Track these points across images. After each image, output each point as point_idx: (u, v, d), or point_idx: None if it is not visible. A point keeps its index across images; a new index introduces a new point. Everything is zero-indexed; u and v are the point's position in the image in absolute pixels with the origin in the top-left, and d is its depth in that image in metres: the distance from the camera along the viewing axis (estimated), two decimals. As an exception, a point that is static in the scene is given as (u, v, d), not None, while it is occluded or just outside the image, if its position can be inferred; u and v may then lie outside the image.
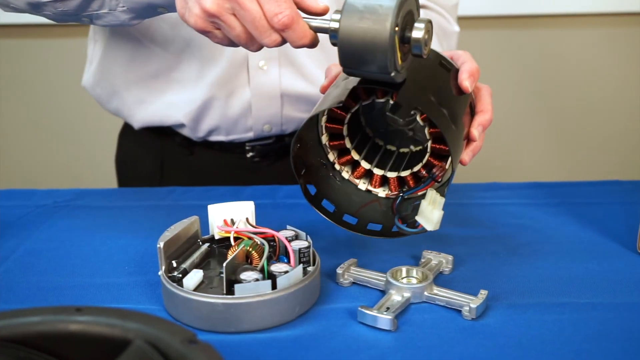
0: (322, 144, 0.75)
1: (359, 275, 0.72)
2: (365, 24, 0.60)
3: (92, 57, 1.06)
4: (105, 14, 0.83)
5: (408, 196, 0.73)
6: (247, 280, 0.63)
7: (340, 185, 0.76)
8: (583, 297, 0.69)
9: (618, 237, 0.82)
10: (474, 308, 0.65)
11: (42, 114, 1.96)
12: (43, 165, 2.00)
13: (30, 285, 0.72)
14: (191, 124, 1.01)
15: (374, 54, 0.60)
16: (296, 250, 0.68)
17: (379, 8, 0.60)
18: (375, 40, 0.60)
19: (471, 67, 0.71)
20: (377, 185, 0.75)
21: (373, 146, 0.77)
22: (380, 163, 0.76)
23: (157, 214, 0.90)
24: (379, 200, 0.76)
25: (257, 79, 0.98)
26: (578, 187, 0.97)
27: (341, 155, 0.76)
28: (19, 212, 0.90)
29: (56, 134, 1.97)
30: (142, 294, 0.70)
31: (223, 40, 0.68)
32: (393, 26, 0.59)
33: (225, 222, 0.73)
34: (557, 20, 1.86)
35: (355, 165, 0.76)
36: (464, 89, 0.70)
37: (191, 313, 0.64)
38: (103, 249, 0.80)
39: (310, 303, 0.67)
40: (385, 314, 0.64)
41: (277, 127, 1.02)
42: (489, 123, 0.72)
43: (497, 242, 0.82)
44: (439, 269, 0.74)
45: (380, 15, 0.59)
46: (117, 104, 1.04)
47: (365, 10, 0.60)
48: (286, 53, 0.98)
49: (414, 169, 0.74)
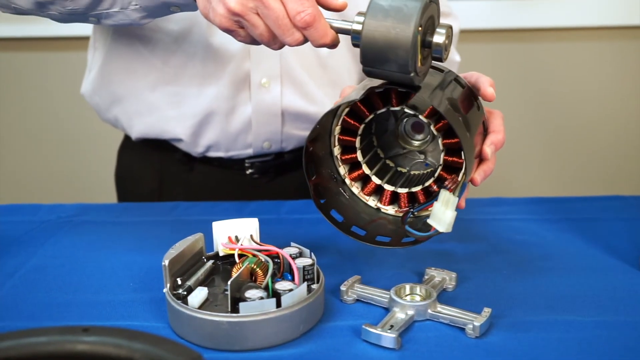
0: (334, 156, 0.74)
1: (363, 292, 0.72)
2: (389, 22, 0.62)
3: (92, 65, 1.06)
4: (116, 12, 0.82)
5: (418, 212, 0.72)
6: (251, 299, 0.64)
7: (349, 201, 0.75)
8: (587, 315, 0.69)
9: (621, 254, 0.82)
10: (477, 326, 0.65)
11: (42, 126, 1.96)
12: (44, 178, 2.01)
13: (37, 302, 0.72)
14: (190, 138, 1.01)
15: (396, 51, 0.62)
16: (300, 268, 0.68)
17: (404, 7, 0.62)
18: (399, 38, 0.61)
19: (489, 79, 0.73)
20: (386, 202, 0.75)
21: (384, 166, 0.77)
22: (390, 181, 0.75)
23: (160, 230, 0.90)
24: (387, 218, 0.75)
25: (258, 96, 0.99)
26: (580, 203, 0.98)
27: (352, 170, 0.75)
28: (24, 227, 0.91)
29: (57, 147, 1.97)
30: (147, 311, 0.70)
31: (246, 39, 0.69)
32: (417, 25, 0.61)
33: (229, 239, 0.73)
34: (557, 34, 1.87)
35: (365, 182, 0.75)
36: (489, 96, 0.71)
37: (196, 331, 0.64)
38: (107, 266, 0.81)
39: (314, 321, 0.67)
40: (389, 332, 0.64)
41: (276, 145, 1.03)
42: (501, 144, 0.73)
43: (500, 258, 0.82)
44: (443, 286, 0.74)
45: (405, 14, 0.61)
46: (115, 113, 1.04)
47: (390, 9, 0.62)
48: (288, 72, 0.99)
49: (425, 183, 0.73)
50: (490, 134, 0.73)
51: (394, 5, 0.62)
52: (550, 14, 1.82)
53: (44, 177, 2.01)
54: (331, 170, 0.75)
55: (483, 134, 0.73)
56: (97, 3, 0.82)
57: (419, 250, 0.83)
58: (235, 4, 0.65)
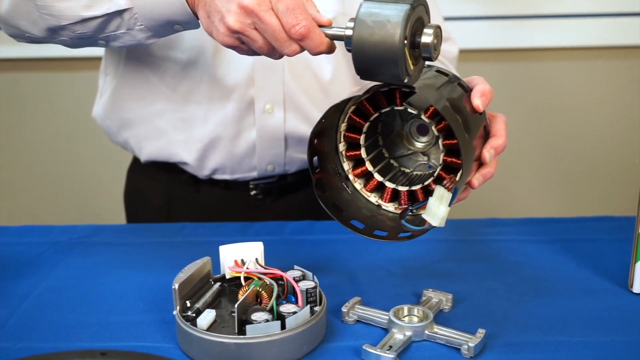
0: (339, 152, 0.76)
1: (363, 313, 0.76)
2: (375, 38, 0.64)
3: (103, 90, 1.10)
4: (123, 34, 0.85)
5: (416, 210, 0.74)
6: (257, 321, 0.67)
7: (352, 197, 0.77)
8: (576, 336, 0.72)
9: (610, 274, 0.85)
10: (472, 347, 0.68)
11: (52, 147, 2.00)
12: (55, 197, 2.04)
13: (51, 324, 0.76)
14: (196, 162, 1.05)
15: (386, 65, 0.65)
16: (304, 290, 0.72)
17: (387, 24, 0.63)
18: (386, 54, 0.64)
19: (484, 88, 0.73)
20: (387, 199, 0.76)
21: (387, 165, 0.79)
22: (392, 179, 0.77)
23: (169, 251, 0.94)
24: (387, 214, 0.76)
25: (262, 122, 1.02)
26: (572, 223, 1.01)
27: (356, 166, 0.77)
28: (36, 249, 0.94)
29: (67, 167, 2.00)
30: (157, 331, 0.74)
31: (248, 52, 0.73)
32: (402, 39, 0.63)
33: (236, 263, 0.76)
34: (552, 54, 1.90)
35: (368, 179, 0.77)
36: (475, 107, 0.71)
37: (205, 352, 0.67)
38: (118, 287, 0.84)
39: (317, 341, 0.71)
40: (388, 353, 0.67)
41: (280, 167, 1.06)
42: (502, 148, 0.73)
43: (495, 279, 0.85)
44: (439, 307, 0.77)
45: (388, 30, 0.63)
46: (125, 137, 1.08)
47: (374, 26, 0.64)
48: (291, 97, 1.02)
49: (424, 182, 0.74)
50: (491, 138, 0.74)
51: (377, 20, 0.64)
52: (548, 34, 1.85)
53: (54, 196, 2.04)
54: (335, 165, 0.76)
55: (484, 137, 0.74)
56: (104, 26, 0.84)
57: (417, 271, 0.87)
58: (234, 22, 0.69)
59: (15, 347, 0.71)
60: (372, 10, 0.64)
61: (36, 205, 2.04)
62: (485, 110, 0.74)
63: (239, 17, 0.69)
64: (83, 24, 0.85)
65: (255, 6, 0.68)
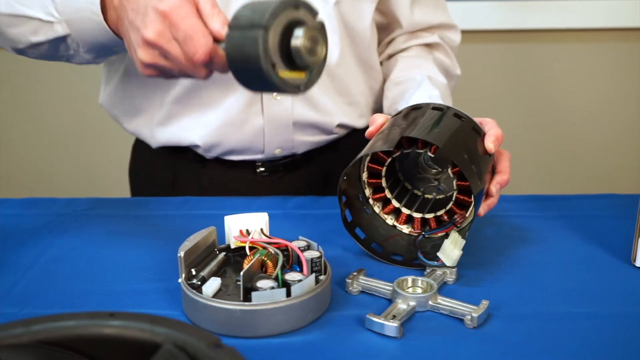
0: (362, 180, 0.85)
1: (367, 284, 0.76)
2: (242, 56, 0.61)
3: (108, 79, 1.10)
4: (73, 54, 0.89)
5: (428, 235, 0.83)
6: (263, 288, 0.67)
7: (371, 218, 0.86)
8: (580, 307, 0.73)
9: (614, 249, 0.85)
10: (475, 317, 0.69)
11: (58, 124, 2.00)
12: (60, 173, 2.05)
13: (57, 292, 0.76)
14: (206, 146, 1.05)
15: (259, 82, 0.62)
16: (309, 260, 0.72)
17: (248, 40, 0.59)
18: (255, 72, 0.60)
19: (497, 133, 0.82)
20: (402, 222, 0.85)
21: (403, 189, 0.88)
22: (407, 204, 0.86)
23: (172, 223, 0.94)
24: (401, 235, 0.85)
25: (270, 109, 1.02)
26: (577, 200, 1.01)
27: (376, 192, 0.86)
28: (41, 220, 0.94)
29: (72, 143, 2.01)
30: (162, 300, 0.74)
31: (173, 77, 0.73)
32: (268, 64, 0.60)
33: (241, 233, 0.77)
34: (555, 35, 1.90)
35: (386, 203, 0.86)
36: (489, 150, 0.80)
37: (210, 319, 0.67)
38: (122, 257, 0.84)
39: (322, 310, 0.71)
40: (392, 322, 0.67)
41: (288, 150, 1.07)
42: (505, 183, 0.83)
43: (499, 252, 0.85)
44: (443, 279, 0.78)
45: (250, 49, 0.59)
46: (136, 125, 1.08)
47: (241, 43, 0.60)
48: None
49: (437, 212, 0.84)
50: (497, 174, 0.83)
51: (242, 46, 0.60)
52: (552, 15, 1.85)
53: (59, 172, 2.04)
54: (358, 190, 0.85)
55: (491, 172, 0.83)
56: (55, 48, 0.89)
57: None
58: (144, 56, 0.69)
59: (21, 312, 0.71)
60: (239, 25, 0.61)
61: (40, 180, 2.05)
62: None
63: (146, 50, 0.69)
64: (36, 47, 0.90)
65: (157, 38, 0.68)
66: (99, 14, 0.79)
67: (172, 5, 0.67)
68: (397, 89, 1.07)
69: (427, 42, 1.14)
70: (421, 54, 1.13)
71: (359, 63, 1.08)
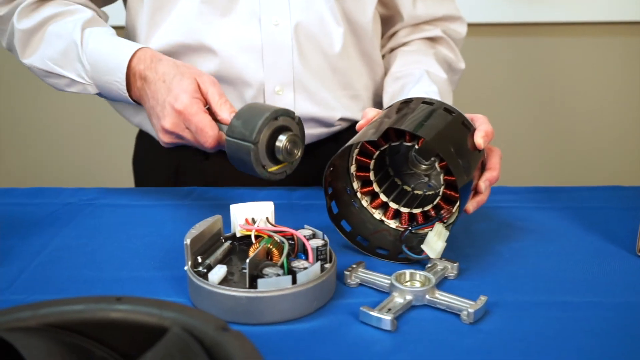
0: (350, 172, 0.85)
1: (366, 277, 0.76)
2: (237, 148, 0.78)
3: None
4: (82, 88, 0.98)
5: (415, 230, 0.82)
6: (269, 275, 0.68)
7: (358, 212, 0.85)
8: (584, 297, 0.73)
9: (619, 241, 0.85)
10: (472, 313, 0.67)
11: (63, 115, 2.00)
12: (65, 163, 2.05)
13: (63, 279, 0.76)
14: None
15: (247, 168, 0.79)
16: (314, 248, 0.72)
17: (244, 155, 0.78)
18: (245, 161, 0.78)
19: (486, 129, 0.81)
20: (390, 217, 0.85)
21: (392, 184, 0.87)
22: (395, 199, 0.86)
23: (178, 213, 0.94)
24: (389, 230, 0.85)
25: (272, 103, 1.02)
26: (582, 192, 1.01)
27: (364, 185, 0.85)
28: (47, 209, 0.95)
29: (77, 135, 2.01)
30: (168, 287, 0.74)
31: None
32: (260, 170, 0.79)
33: (246, 221, 0.77)
34: (562, 29, 1.89)
35: (374, 197, 0.86)
36: (478, 146, 0.80)
37: (216, 305, 0.68)
38: (129, 245, 0.85)
39: (327, 298, 0.71)
40: (385, 315, 0.67)
41: None
42: (495, 180, 0.82)
43: (502, 243, 0.85)
44: (444, 274, 0.77)
45: (246, 160, 0.78)
46: (140, 118, 1.09)
47: (236, 154, 0.79)
48: (300, 79, 1.03)
49: (424, 208, 0.83)
50: (487, 170, 0.82)
51: (238, 151, 0.78)
52: (559, 9, 1.84)
53: (64, 162, 2.05)
54: (346, 184, 0.85)
55: (481, 169, 0.82)
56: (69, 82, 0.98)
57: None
58: (164, 138, 0.87)
59: (27, 299, 0.72)
60: (234, 136, 0.78)
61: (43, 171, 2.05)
62: None
63: (164, 134, 0.87)
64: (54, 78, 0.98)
65: (173, 128, 0.85)
66: (125, 92, 0.92)
67: (185, 104, 0.83)
68: (397, 84, 1.07)
69: (430, 35, 1.14)
70: (422, 49, 1.13)
71: (362, 56, 1.08)
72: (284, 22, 1.00)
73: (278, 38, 1.00)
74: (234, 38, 1.00)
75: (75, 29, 0.95)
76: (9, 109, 2.05)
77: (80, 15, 0.97)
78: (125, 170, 1.27)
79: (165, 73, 0.87)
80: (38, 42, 0.98)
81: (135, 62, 0.91)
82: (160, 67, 0.88)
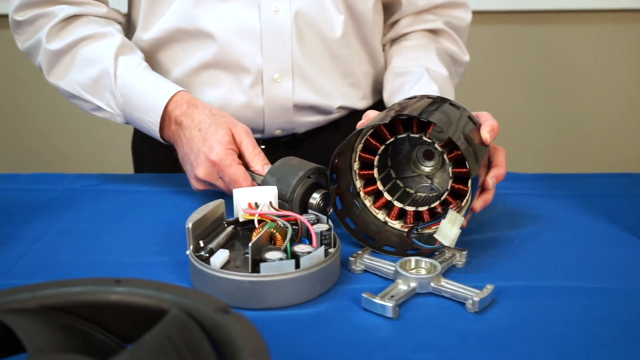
0: (353, 170, 0.82)
1: (371, 263, 0.74)
2: None
3: None
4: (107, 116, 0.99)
5: (422, 229, 0.79)
6: (272, 260, 0.66)
7: (360, 212, 0.82)
8: (595, 282, 0.71)
9: (628, 227, 0.84)
10: (477, 301, 0.66)
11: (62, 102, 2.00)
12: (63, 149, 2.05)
13: (64, 263, 0.76)
14: None
15: None
16: (318, 232, 0.71)
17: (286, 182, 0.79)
18: None
19: (492, 124, 0.79)
20: (394, 217, 0.82)
21: (394, 185, 0.85)
22: (399, 199, 0.83)
23: (180, 199, 0.93)
24: (392, 231, 0.82)
25: (271, 91, 1.01)
26: (590, 179, 1.00)
27: (367, 185, 0.82)
28: (49, 195, 0.94)
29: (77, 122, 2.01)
30: (170, 272, 0.74)
31: None
32: None
33: (249, 205, 0.76)
34: (567, 16, 1.87)
35: (377, 197, 0.83)
36: (484, 140, 0.78)
37: (218, 290, 0.67)
38: (130, 231, 0.84)
39: (330, 283, 0.70)
40: (387, 302, 0.65)
41: (288, 131, 1.07)
42: (502, 177, 0.81)
43: (511, 229, 0.84)
44: (452, 263, 0.75)
45: None
46: None
47: None
48: (299, 66, 1.01)
49: (431, 204, 0.80)
50: (493, 168, 0.81)
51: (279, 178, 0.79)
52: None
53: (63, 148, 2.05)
54: (349, 182, 0.82)
55: (487, 166, 0.81)
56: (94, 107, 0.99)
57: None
58: (197, 185, 0.89)
59: (27, 283, 0.70)
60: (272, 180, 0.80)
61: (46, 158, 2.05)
62: None
63: (197, 182, 0.89)
64: (77, 100, 0.99)
65: (207, 177, 0.87)
66: (158, 133, 0.93)
67: (220, 156, 0.84)
68: (397, 81, 1.06)
69: (431, 27, 1.11)
70: (423, 43, 1.10)
71: (363, 44, 1.07)
72: (284, 8, 0.98)
73: (277, 25, 0.99)
74: (232, 24, 0.99)
75: (109, 57, 0.94)
76: (8, 96, 2.05)
77: (111, 40, 0.96)
78: (125, 156, 1.26)
79: (201, 122, 0.88)
80: (68, 65, 0.97)
81: (171, 107, 0.91)
82: (196, 115, 0.89)
